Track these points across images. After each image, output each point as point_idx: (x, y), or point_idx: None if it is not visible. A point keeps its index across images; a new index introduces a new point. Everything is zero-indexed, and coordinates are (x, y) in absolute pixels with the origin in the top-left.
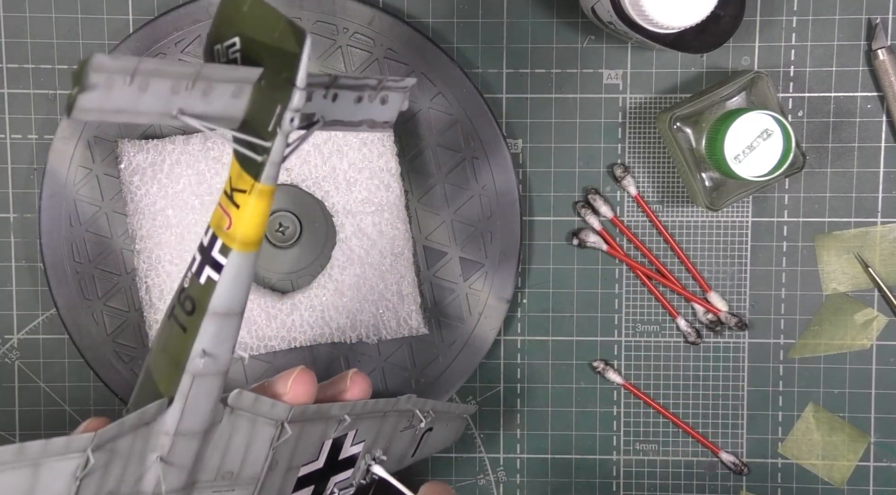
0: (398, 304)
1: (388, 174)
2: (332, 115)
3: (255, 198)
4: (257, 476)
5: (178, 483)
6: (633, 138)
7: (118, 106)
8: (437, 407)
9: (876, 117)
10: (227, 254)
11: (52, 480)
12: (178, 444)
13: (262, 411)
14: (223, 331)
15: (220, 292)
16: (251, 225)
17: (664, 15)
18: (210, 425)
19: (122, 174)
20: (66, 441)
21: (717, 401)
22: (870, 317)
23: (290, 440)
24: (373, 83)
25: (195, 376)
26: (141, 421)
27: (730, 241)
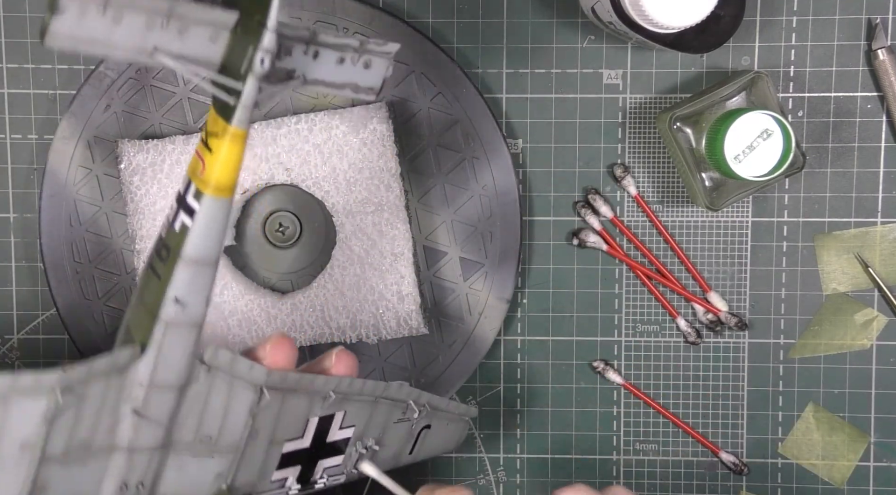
0: (398, 304)
1: (388, 174)
2: (313, 73)
3: (227, 141)
4: (237, 444)
5: (154, 440)
6: (633, 138)
7: (92, 35)
8: (434, 402)
9: (876, 117)
10: (201, 199)
11: (21, 420)
12: (152, 397)
13: (240, 372)
14: (196, 279)
15: (192, 238)
16: (224, 168)
17: (664, 15)
18: (185, 381)
19: (122, 174)
20: (35, 377)
21: (717, 401)
22: (870, 317)
23: (271, 410)
24: (354, 44)
25: (168, 324)
26: (112, 366)
27: (730, 241)
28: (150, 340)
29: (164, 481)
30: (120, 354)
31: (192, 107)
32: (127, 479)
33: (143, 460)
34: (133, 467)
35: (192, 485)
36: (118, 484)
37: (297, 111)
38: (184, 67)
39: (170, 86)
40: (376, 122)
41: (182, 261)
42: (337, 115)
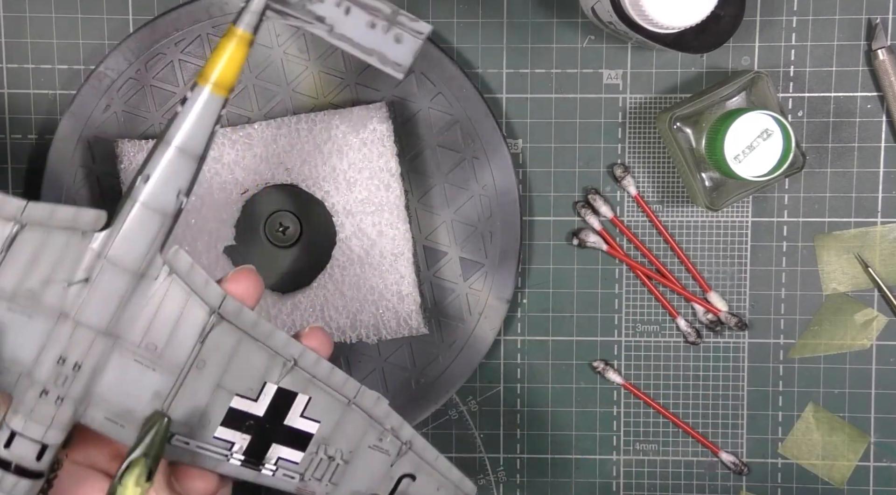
0: (398, 304)
1: (388, 174)
2: (341, 27)
3: (231, 41)
4: (181, 365)
5: (100, 320)
6: (633, 138)
7: None
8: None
9: (876, 117)
10: (194, 89)
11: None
12: (106, 272)
13: (196, 284)
14: (172, 165)
15: (177, 123)
16: (224, 65)
17: (664, 15)
18: (142, 270)
19: (122, 174)
20: (1, 198)
21: (717, 401)
22: (870, 317)
23: (223, 345)
24: (387, 10)
25: (136, 203)
26: (75, 221)
27: (730, 241)
28: (117, 214)
29: (103, 377)
30: (85, 212)
31: None
32: (66, 354)
33: (86, 339)
34: (75, 342)
35: (129, 395)
36: (57, 354)
37: (297, 111)
38: None
39: (170, 86)
40: (376, 122)
41: (164, 144)
42: (337, 115)
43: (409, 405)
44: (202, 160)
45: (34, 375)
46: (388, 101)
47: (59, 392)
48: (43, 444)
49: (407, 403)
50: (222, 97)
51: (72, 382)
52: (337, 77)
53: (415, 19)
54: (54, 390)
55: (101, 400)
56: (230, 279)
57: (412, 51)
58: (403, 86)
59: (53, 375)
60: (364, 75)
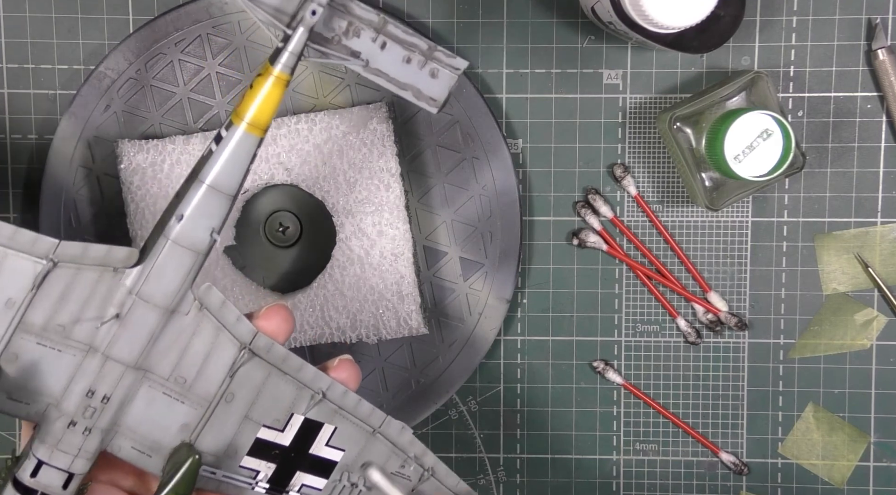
0: (398, 304)
1: (388, 174)
2: (376, 62)
3: (269, 81)
4: (210, 398)
5: (130, 355)
6: (633, 138)
7: None
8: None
9: (876, 117)
10: (230, 128)
11: (11, 277)
12: (137, 308)
13: (227, 321)
14: (207, 204)
15: (212, 162)
16: (260, 105)
17: (664, 15)
18: (173, 306)
19: (122, 174)
20: (34, 237)
21: (717, 401)
22: (870, 317)
23: (252, 379)
24: (423, 46)
25: (169, 240)
26: (107, 258)
27: (730, 241)
28: (150, 251)
29: (131, 409)
30: (117, 250)
31: (192, 107)
32: (95, 387)
33: (115, 372)
34: (104, 375)
35: (157, 426)
36: (86, 387)
37: (297, 111)
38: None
39: (170, 86)
40: (376, 122)
41: (199, 182)
42: (337, 115)
43: (409, 405)
44: (235, 198)
45: (62, 406)
46: (388, 101)
47: (87, 423)
48: (69, 473)
49: (407, 403)
50: (258, 137)
51: (100, 414)
52: (337, 77)
53: (451, 55)
54: (82, 421)
55: (128, 430)
56: (262, 316)
57: (447, 86)
58: None
59: (82, 407)
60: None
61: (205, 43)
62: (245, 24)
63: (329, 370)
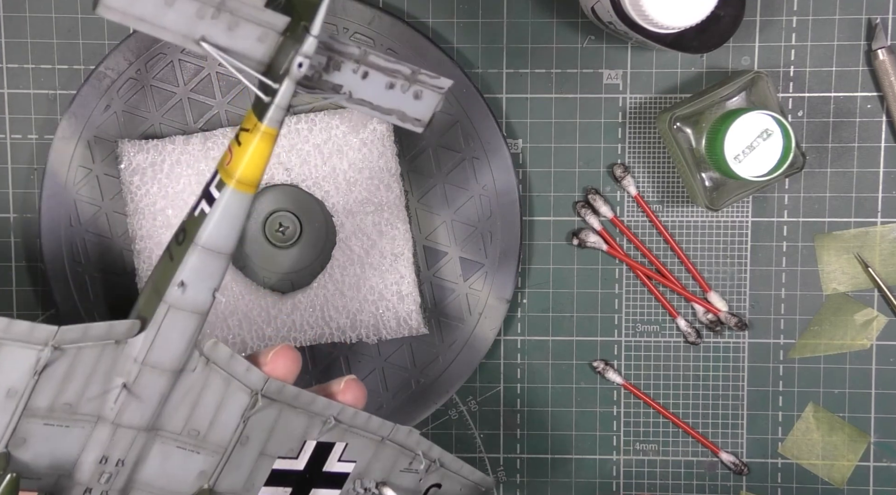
0: (398, 304)
1: (388, 174)
2: (360, 92)
3: (257, 138)
4: (225, 445)
5: (141, 420)
6: (633, 138)
7: (143, 13)
8: (448, 461)
9: (876, 117)
10: (222, 189)
11: (11, 367)
12: (144, 375)
13: (237, 372)
14: (206, 266)
15: (207, 225)
16: (249, 163)
17: (664, 15)
18: (181, 367)
19: (122, 174)
20: (31, 327)
21: (717, 401)
22: (870, 317)
23: (265, 420)
24: (406, 72)
25: (170, 306)
26: (109, 334)
27: (730, 241)
28: (151, 319)
29: (146, 467)
30: (118, 324)
31: (192, 107)
32: (108, 453)
33: (127, 438)
34: (116, 442)
35: (173, 478)
36: (98, 455)
37: (297, 111)
38: (228, 61)
39: (170, 86)
40: (376, 122)
41: (194, 245)
42: (337, 115)
43: (409, 405)
44: (232, 254)
45: (76, 477)
46: None
47: (103, 488)
48: None
49: (407, 403)
50: (248, 195)
51: (115, 477)
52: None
53: (435, 76)
54: (98, 487)
55: (144, 486)
56: (270, 362)
57: (432, 106)
58: None
59: (96, 474)
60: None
61: None
62: None
63: (337, 395)
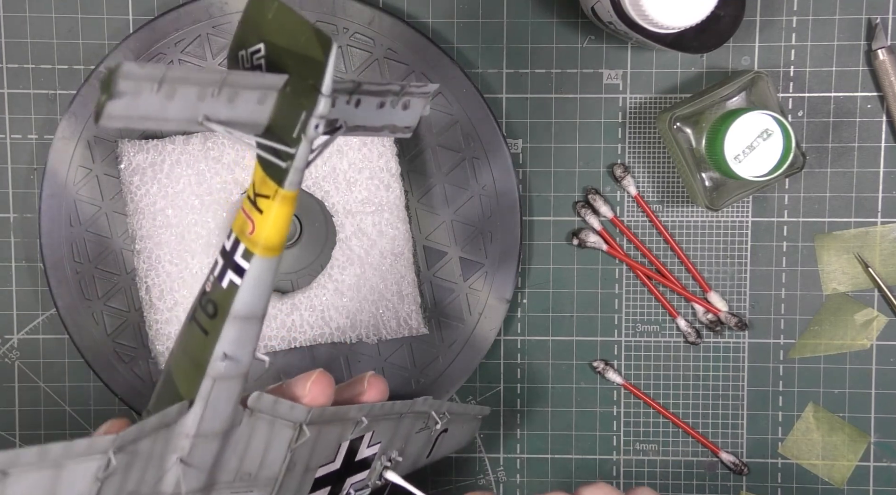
0: (398, 304)
1: (388, 174)
2: (354, 120)
3: (278, 203)
4: (275, 477)
5: (198, 484)
6: (633, 138)
7: (145, 113)
8: (454, 409)
9: (876, 117)
10: (250, 259)
11: (73, 481)
12: (197, 446)
13: (281, 413)
14: (244, 334)
15: (242, 296)
16: (274, 230)
17: (664, 15)
18: (230, 426)
19: (122, 174)
20: (89, 442)
21: (717, 401)
22: (870, 317)
23: (308, 442)
24: (395, 89)
25: (216, 379)
26: (162, 423)
27: (730, 241)
28: (197, 394)
29: None
30: (169, 412)
31: None
32: None
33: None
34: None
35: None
36: None
37: None
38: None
39: None
40: None
41: (231, 317)
42: None
43: None
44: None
45: None
46: None
47: None
48: None
49: None
50: (276, 257)
51: None
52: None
53: (422, 85)
54: None
55: None
56: (309, 393)
57: (419, 111)
58: None
59: None
60: (363, 75)
61: (205, 43)
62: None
63: (363, 396)
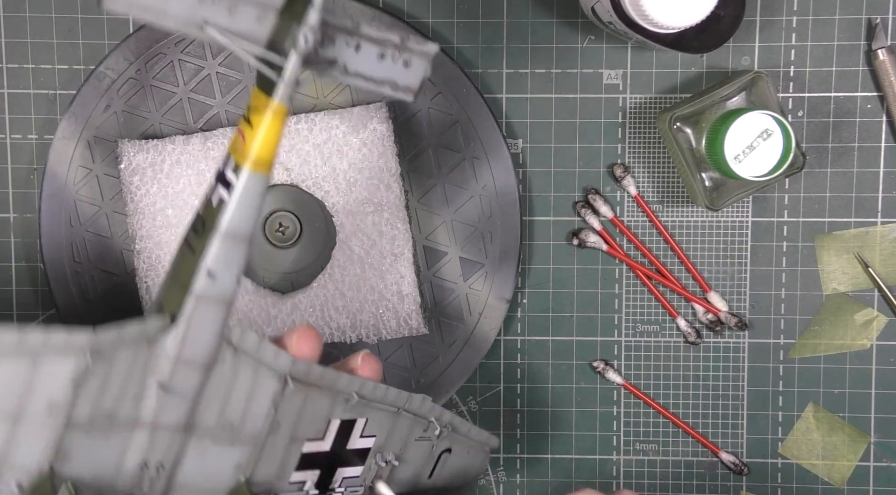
0: (398, 304)
1: (388, 174)
2: (354, 65)
3: (268, 116)
4: (258, 434)
5: (177, 418)
6: (633, 138)
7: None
8: (456, 423)
9: (876, 117)
10: (239, 172)
11: (50, 380)
12: (178, 372)
13: (265, 358)
14: (229, 253)
15: (229, 211)
16: (263, 142)
17: (664, 15)
18: (212, 359)
19: (122, 174)
20: (67, 336)
21: (717, 401)
22: (870, 317)
23: (294, 403)
24: (395, 40)
25: (199, 298)
26: (142, 335)
27: (730, 241)
28: (180, 313)
29: (183, 468)
30: (150, 323)
31: (192, 107)
32: (148, 458)
33: (164, 439)
34: (155, 445)
35: (211, 475)
36: (139, 461)
37: (297, 111)
38: (232, 42)
39: (170, 86)
40: (376, 122)
41: (217, 233)
42: (337, 115)
43: None
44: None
45: (117, 486)
46: (388, 101)
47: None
48: None
49: None
50: (266, 175)
51: (156, 482)
52: None
53: (423, 42)
54: (139, 494)
55: (183, 487)
56: (295, 343)
57: (421, 73)
58: None
59: (137, 480)
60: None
61: (205, 43)
62: None
63: (356, 371)
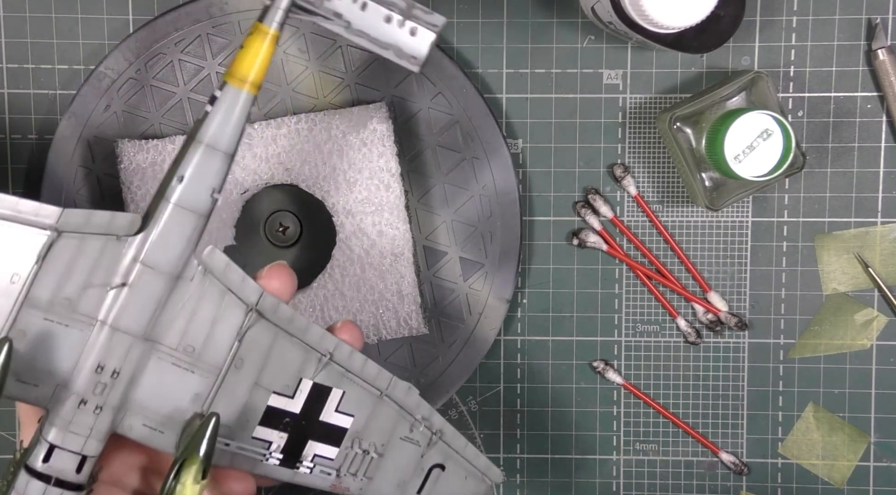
0: (398, 304)
1: (388, 174)
2: (358, 23)
3: (256, 36)
4: (219, 365)
5: (137, 325)
6: (633, 138)
7: None
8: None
9: (876, 117)
10: (224, 87)
11: (16, 250)
12: (142, 276)
13: (232, 283)
14: (205, 162)
15: (208, 121)
16: (248, 60)
17: (664, 15)
18: (178, 269)
19: (122, 174)
20: (38, 205)
21: (717, 401)
22: (870, 317)
23: (260, 344)
24: (402, 4)
25: (171, 204)
26: (111, 225)
27: (730, 241)
28: (151, 217)
29: (141, 384)
30: (120, 216)
31: (192, 107)
32: (104, 361)
33: (123, 344)
34: (112, 349)
35: (168, 399)
36: (94, 362)
37: (297, 111)
38: None
39: (170, 86)
40: (376, 122)
41: (195, 142)
42: (337, 115)
43: None
44: (233, 158)
45: (71, 385)
46: (388, 101)
47: (98, 401)
48: (82, 456)
49: None
50: (252, 95)
51: (110, 390)
52: (337, 77)
53: (429, 12)
54: (93, 399)
55: (139, 406)
56: (265, 275)
57: (427, 43)
58: (403, 86)
59: (91, 384)
60: (364, 75)
61: (205, 43)
62: (245, 23)
63: (334, 331)
